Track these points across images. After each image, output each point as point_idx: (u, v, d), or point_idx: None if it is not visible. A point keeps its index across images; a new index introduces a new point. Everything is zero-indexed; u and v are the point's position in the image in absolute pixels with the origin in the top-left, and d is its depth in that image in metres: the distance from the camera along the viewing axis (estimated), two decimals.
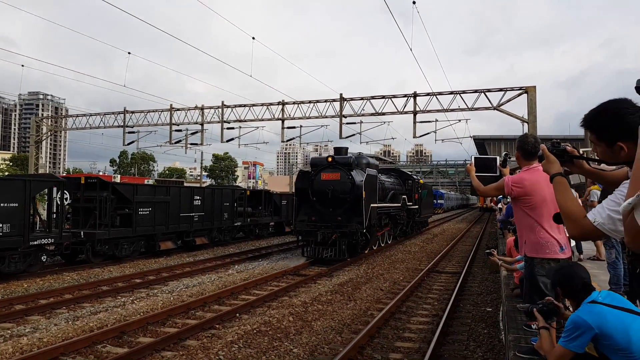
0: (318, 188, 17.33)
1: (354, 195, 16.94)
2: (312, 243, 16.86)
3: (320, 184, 17.32)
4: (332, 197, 17.06)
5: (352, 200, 16.95)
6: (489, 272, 14.95)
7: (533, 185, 4.02)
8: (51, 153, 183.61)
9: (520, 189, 4.04)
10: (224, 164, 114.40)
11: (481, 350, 7.55)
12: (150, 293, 11.65)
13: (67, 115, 40.42)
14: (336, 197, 17.06)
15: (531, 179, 4.06)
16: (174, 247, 19.18)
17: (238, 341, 7.73)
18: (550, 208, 4.02)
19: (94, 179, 17.00)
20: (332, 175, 17.30)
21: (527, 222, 4.07)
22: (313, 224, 17.11)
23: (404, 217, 23.99)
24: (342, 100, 27.38)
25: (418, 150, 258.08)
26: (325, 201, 17.22)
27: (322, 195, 17.20)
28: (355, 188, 16.95)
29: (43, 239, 13.74)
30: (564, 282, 3.21)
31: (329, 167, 17.50)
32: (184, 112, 32.14)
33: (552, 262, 3.97)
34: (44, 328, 8.47)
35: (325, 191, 17.10)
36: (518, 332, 5.21)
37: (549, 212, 4.02)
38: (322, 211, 17.28)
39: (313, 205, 17.47)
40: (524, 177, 4.09)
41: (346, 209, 17.04)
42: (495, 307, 10.37)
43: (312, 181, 17.54)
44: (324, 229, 16.70)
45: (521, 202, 4.08)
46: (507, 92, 23.74)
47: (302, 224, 17.47)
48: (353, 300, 11.03)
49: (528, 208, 4.04)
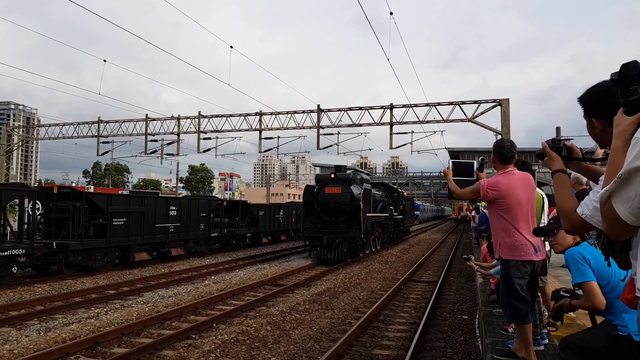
0: (323, 200, 20.36)
1: (353, 206, 19.99)
2: (318, 246, 19.80)
3: (324, 197, 20.37)
4: (334, 208, 20.07)
5: (351, 211, 19.97)
6: (465, 281, 15.11)
7: (508, 189, 4.10)
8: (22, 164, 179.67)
9: (495, 192, 4.12)
10: (200, 175, 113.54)
11: (458, 357, 7.62)
12: (125, 304, 11.45)
13: (40, 124, 39.69)
14: (338, 208, 20.05)
15: (506, 182, 4.15)
16: (149, 258, 18.90)
17: (215, 350, 7.65)
18: (525, 211, 4.12)
19: (67, 189, 16.71)
20: (334, 190, 20.39)
21: (501, 225, 4.15)
22: (319, 230, 20.01)
23: (391, 225, 27.82)
24: (320, 111, 27.52)
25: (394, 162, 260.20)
26: (329, 211, 20.18)
27: (326, 206, 20.25)
28: (354, 200, 20.01)
29: (14, 250, 13.41)
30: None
31: (331, 182, 20.58)
32: (160, 122, 31.86)
33: (527, 264, 4.05)
34: (15, 340, 8.24)
35: (329, 203, 20.18)
36: (495, 335, 5.28)
37: (524, 214, 4.11)
38: (326, 220, 20.20)
39: (318, 215, 20.44)
40: (499, 181, 4.17)
41: (346, 217, 20.02)
42: (471, 315, 10.48)
43: (317, 194, 20.62)
44: (328, 234, 19.57)
45: (496, 205, 4.15)
46: (482, 104, 24.19)
47: (310, 230, 20.46)
48: (331, 309, 11.02)
49: (503, 211, 4.12)
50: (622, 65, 1.89)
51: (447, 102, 25.10)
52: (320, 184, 21.03)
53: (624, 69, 1.87)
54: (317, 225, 20.27)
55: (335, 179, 20.63)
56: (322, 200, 20.42)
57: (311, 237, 20.34)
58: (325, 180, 20.96)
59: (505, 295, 4.15)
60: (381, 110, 26.33)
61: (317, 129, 27.48)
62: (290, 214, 32.96)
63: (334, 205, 20.05)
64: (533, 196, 4.26)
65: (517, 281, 4.04)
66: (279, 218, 31.14)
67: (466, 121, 24.40)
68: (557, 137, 2.87)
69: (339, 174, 20.93)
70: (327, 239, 19.48)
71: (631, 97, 1.76)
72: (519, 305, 4.06)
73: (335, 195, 20.21)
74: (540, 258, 4.15)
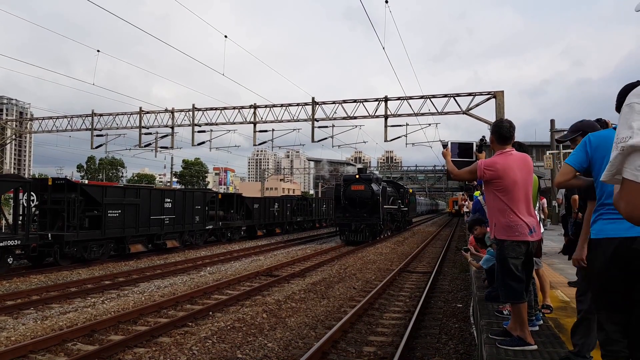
0: (349, 195, 25.77)
1: (373, 200, 25.39)
2: (346, 231, 25.19)
3: (350, 193, 25.77)
4: (359, 202, 25.43)
5: (372, 203, 25.39)
6: (459, 272, 15.21)
7: (505, 169, 4.14)
8: (16, 158, 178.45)
9: (492, 172, 4.15)
10: (195, 170, 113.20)
11: (453, 343, 7.69)
12: (121, 294, 11.48)
13: (33, 118, 39.43)
14: (362, 201, 25.43)
15: (503, 163, 4.18)
16: (144, 250, 18.91)
17: (212, 337, 7.70)
18: (521, 192, 4.16)
19: (61, 180, 16.65)
20: (358, 187, 25.68)
21: (497, 206, 4.19)
22: (347, 218, 25.39)
23: (399, 215, 33.58)
24: (314, 103, 27.49)
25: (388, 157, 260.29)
26: (354, 204, 25.54)
27: (352, 200, 25.62)
28: (374, 195, 25.50)
29: (9, 241, 13.39)
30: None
31: (356, 181, 25.98)
32: (154, 115, 31.74)
33: (521, 244, 4.10)
34: (12, 327, 8.26)
35: (354, 197, 25.59)
36: (490, 317, 5.35)
37: (520, 195, 4.15)
38: (352, 210, 25.50)
39: (345, 207, 25.74)
40: (496, 161, 4.20)
41: (368, 209, 25.34)
42: (465, 304, 10.57)
43: (344, 191, 25.97)
44: (355, 222, 25.02)
45: (493, 185, 4.19)
46: (476, 96, 24.24)
47: (340, 218, 26.09)
48: (326, 298, 11.08)
49: (499, 191, 4.15)
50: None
51: (442, 95, 25.14)
52: (347, 182, 26.36)
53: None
54: (345, 215, 25.52)
55: (359, 178, 25.95)
56: (348, 195, 25.70)
57: (341, 224, 25.84)
58: (351, 180, 26.37)
59: (500, 275, 4.20)
60: (376, 102, 26.35)
61: (312, 122, 27.47)
62: (285, 207, 33.00)
63: (358, 200, 25.36)
64: (530, 178, 4.28)
65: (512, 261, 4.08)
66: (274, 211, 31.18)
67: (461, 113, 24.46)
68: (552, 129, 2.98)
69: (362, 175, 26.44)
70: (354, 225, 24.96)
71: None
72: (513, 285, 4.10)
73: (359, 192, 25.46)
74: (536, 239, 4.18)
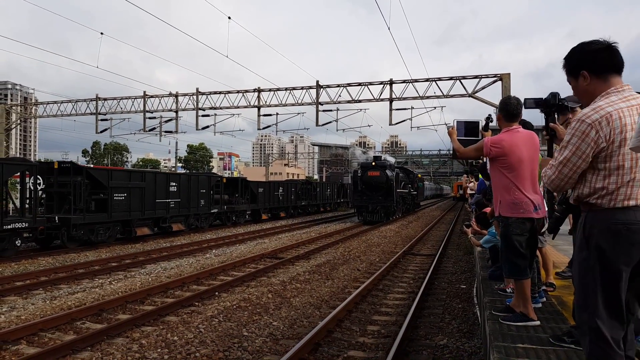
0: (366, 180, 28.77)
1: (387, 185, 28.40)
2: (364, 212, 28.33)
3: (367, 178, 28.73)
4: (375, 186, 28.44)
5: (387, 188, 28.45)
6: (463, 254, 15.28)
7: (511, 147, 4.14)
8: (21, 144, 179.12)
9: (498, 150, 4.16)
10: (199, 155, 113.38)
11: (456, 322, 7.77)
12: (128, 275, 11.61)
13: (38, 102, 39.48)
14: (377, 185, 28.42)
15: (510, 140, 4.18)
16: (150, 233, 19.05)
17: (218, 316, 7.80)
18: (527, 169, 4.17)
19: (67, 164, 16.73)
20: (374, 173, 28.66)
21: (502, 183, 4.20)
22: (365, 201, 28.47)
23: (409, 199, 37.14)
24: (319, 87, 27.41)
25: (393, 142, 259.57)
26: (370, 188, 28.54)
27: (368, 185, 28.60)
28: (389, 180, 28.56)
29: (17, 223, 13.52)
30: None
31: (372, 168, 28.91)
32: (158, 99, 31.73)
33: (526, 221, 4.12)
34: (22, 307, 8.39)
35: (371, 182, 28.52)
36: (493, 295, 5.40)
37: (525, 173, 4.16)
38: (369, 194, 28.50)
39: (362, 191, 28.80)
40: (502, 138, 4.21)
41: (383, 193, 28.44)
42: (469, 285, 10.64)
43: (361, 176, 29.08)
44: (372, 204, 28.14)
45: (498, 162, 4.20)
46: (482, 79, 24.10)
47: (357, 201, 29.27)
48: (331, 279, 11.18)
49: (505, 168, 4.16)
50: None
51: (448, 77, 25.00)
52: (364, 169, 29.49)
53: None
54: (362, 198, 28.65)
55: (376, 165, 28.91)
56: (365, 180, 28.71)
57: (359, 206, 29.15)
58: (368, 166, 29.44)
59: (504, 251, 4.23)
60: (381, 86, 26.24)
61: (316, 105, 27.41)
62: (290, 192, 33.08)
63: (374, 184, 28.32)
64: (536, 155, 4.27)
65: (516, 238, 4.11)
66: (279, 195, 31.27)
67: (466, 96, 24.34)
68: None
69: (377, 162, 29.47)
70: (371, 207, 28.08)
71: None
72: (517, 261, 4.13)
73: (375, 177, 28.43)
74: (540, 216, 4.20)
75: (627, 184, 2.26)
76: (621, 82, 2.40)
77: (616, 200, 2.28)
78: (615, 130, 2.25)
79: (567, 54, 2.55)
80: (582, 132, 2.29)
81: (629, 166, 2.26)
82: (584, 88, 2.47)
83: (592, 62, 2.40)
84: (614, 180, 2.28)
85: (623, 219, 2.25)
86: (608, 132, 2.25)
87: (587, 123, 2.29)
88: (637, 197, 2.26)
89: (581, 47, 2.47)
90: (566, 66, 2.56)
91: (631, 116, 2.26)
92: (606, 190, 2.29)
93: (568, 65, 2.54)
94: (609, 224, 2.28)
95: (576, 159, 2.33)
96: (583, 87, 2.48)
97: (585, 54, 2.43)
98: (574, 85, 2.54)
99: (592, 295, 2.31)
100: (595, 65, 2.40)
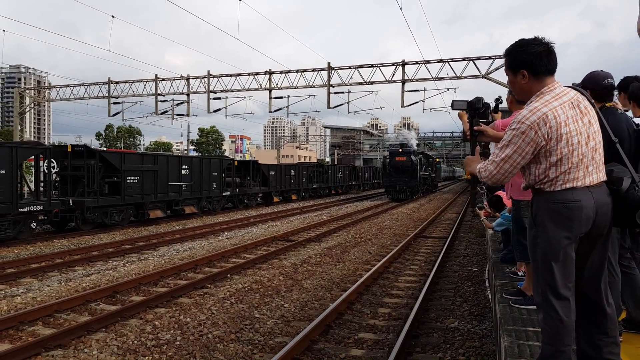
0: (394, 165, 33.63)
1: (412, 168, 33.16)
2: (392, 191, 33.42)
3: (395, 163, 33.62)
4: (401, 169, 33.08)
5: (412, 171, 33.15)
6: (475, 237, 15.23)
7: None
8: (35, 127, 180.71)
9: None
10: (211, 138, 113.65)
11: (467, 305, 7.77)
12: (142, 257, 11.75)
13: (51, 86, 39.72)
14: (404, 169, 33.09)
15: None
16: (163, 216, 19.22)
17: (230, 297, 7.88)
18: None
19: (80, 147, 16.87)
20: (401, 158, 33.46)
21: None
22: (393, 182, 33.40)
23: (429, 180, 41.70)
24: (330, 69, 27.24)
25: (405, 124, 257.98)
26: (397, 171, 33.22)
27: (396, 168, 33.31)
28: (413, 164, 33.32)
29: (32, 206, 13.71)
30: None
31: (399, 154, 33.86)
32: (170, 82, 31.78)
33: None
34: (37, 289, 8.54)
35: (398, 166, 33.24)
36: (504, 278, 5.39)
37: None
38: (396, 176, 33.35)
39: (390, 173, 33.79)
40: None
41: (409, 175, 33.10)
42: (481, 268, 10.63)
43: (389, 161, 34.25)
44: (399, 184, 33.05)
45: None
46: (496, 60, 23.79)
47: (387, 182, 34.31)
48: (342, 262, 11.22)
49: None
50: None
51: (461, 58, 24.74)
52: (392, 154, 34.57)
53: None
54: (391, 179, 33.54)
55: (402, 152, 33.85)
56: (393, 164, 33.67)
57: (387, 186, 34.23)
58: (395, 152, 34.47)
59: (516, 234, 4.21)
60: (393, 67, 26.03)
61: (328, 87, 27.28)
62: (301, 174, 33.12)
63: (401, 168, 33.04)
64: None
65: (527, 221, 4.08)
66: (290, 178, 31.33)
67: (480, 78, 24.07)
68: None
69: (403, 149, 34.27)
70: (398, 187, 33.08)
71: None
72: None
73: (402, 162, 33.18)
74: None
75: (564, 172, 2.57)
76: (553, 81, 2.67)
77: (556, 184, 2.59)
78: (552, 129, 2.52)
79: (509, 50, 2.76)
80: (522, 133, 2.56)
81: (566, 158, 2.55)
82: (521, 85, 2.73)
83: (532, 64, 2.63)
84: (554, 170, 2.58)
85: (561, 199, 2.56)
86: (546, 132, 2.52)
87: (527, 124, 2.55)
88: (573, 180, 2.56)
89: (524, 48, 2.67)
90: (507, 61, 2.79)
91: (564, 113, 2.55)
92: (547, 178, 2.60)
93: (509, 61, 2.77)
94: (550, 204, 2.59)
95: (517, 156, 2.60)
96: (521, 85, 2.72)
97: (527, 55, 2.64)
98: (512, 80, 2.78)
99: (543, 268, 2.59)
100: (535, 68, 2.64)
